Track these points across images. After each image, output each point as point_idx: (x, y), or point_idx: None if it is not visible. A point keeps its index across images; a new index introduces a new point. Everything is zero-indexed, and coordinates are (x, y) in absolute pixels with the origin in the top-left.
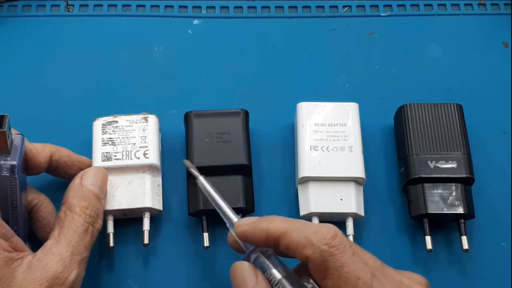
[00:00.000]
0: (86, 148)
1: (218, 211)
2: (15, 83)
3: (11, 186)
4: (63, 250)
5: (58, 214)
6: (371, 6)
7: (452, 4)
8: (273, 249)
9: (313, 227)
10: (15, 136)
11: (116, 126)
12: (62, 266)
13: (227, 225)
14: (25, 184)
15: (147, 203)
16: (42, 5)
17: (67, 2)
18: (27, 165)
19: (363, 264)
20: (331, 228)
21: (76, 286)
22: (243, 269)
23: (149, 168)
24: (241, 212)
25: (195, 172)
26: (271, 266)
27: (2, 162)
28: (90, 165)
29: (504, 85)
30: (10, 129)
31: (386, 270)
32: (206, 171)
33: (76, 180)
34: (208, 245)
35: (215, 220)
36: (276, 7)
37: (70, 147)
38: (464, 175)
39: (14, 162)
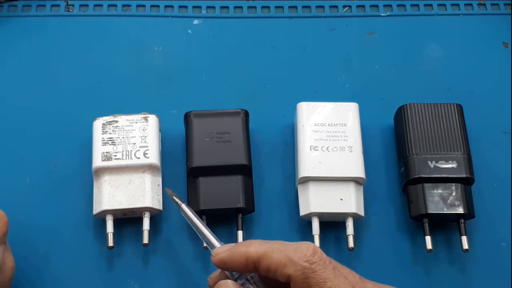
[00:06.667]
0: (86, 148)
1: (202, 239)
2: (15, 83)
3: None
4: None
5: None
6: (371, 6)
7: (452, 4)
8: (258, 274)
9: (292, 246)
10: None
11: (116, 126)
12: None
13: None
14: None
15: (147, 203)
16: (42, 5)
17: (67, 2)
18: None
19: (344, 278)
20: (310, 245)
21: None
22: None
23: (149, 168)
24: (241, 212)
25: (177, 200)
26: None
27: None
28: None
29: (504, 85)
30: None
31: (365, 283)
32: (206, 171)
33: None
34: None
35: (215, 220)
36: (276, 7)
37: (70, 147)
38: (464, 175)
39: None
